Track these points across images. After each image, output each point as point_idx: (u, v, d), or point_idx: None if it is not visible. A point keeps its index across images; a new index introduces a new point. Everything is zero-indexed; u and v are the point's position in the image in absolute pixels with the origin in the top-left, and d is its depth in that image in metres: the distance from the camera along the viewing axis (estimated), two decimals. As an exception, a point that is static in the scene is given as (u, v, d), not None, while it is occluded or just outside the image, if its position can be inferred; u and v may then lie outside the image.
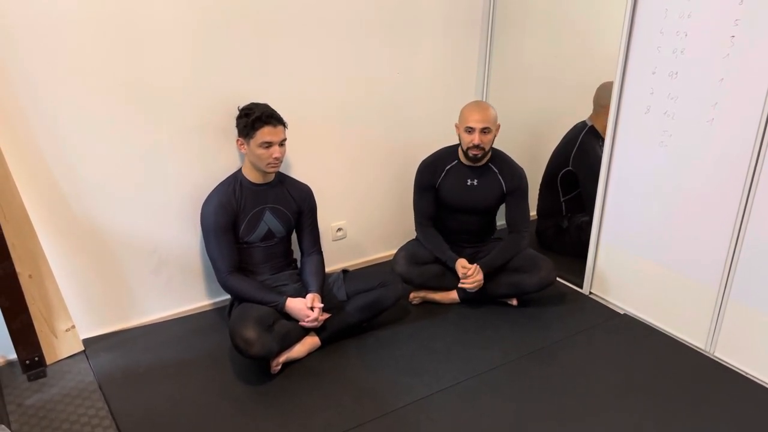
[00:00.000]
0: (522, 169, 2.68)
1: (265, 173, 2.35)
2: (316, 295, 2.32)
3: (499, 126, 2.57)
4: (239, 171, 2.39)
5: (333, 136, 2.79)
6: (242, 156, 2.46)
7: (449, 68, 3.04)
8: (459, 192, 2.66)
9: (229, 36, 2.39)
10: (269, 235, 2.40)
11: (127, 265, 2.46)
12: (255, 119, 2.22)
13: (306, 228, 2.50)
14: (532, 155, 3.51)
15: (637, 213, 2.54)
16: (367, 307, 2.41)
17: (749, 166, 2.12)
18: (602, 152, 2.62)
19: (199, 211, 2.49)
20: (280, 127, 2.27)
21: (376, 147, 2.95)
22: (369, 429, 1.97)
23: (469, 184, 2.64)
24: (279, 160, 2.29)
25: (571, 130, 3.15)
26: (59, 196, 2.24)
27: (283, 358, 2.23)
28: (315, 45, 2.60)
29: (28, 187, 2.17)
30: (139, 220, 2.42)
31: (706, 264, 2.33)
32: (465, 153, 2.58)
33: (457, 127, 2.60)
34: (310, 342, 2.33)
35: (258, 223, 2.37)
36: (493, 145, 2.63)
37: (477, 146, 2.51)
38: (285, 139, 2.29)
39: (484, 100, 3.16)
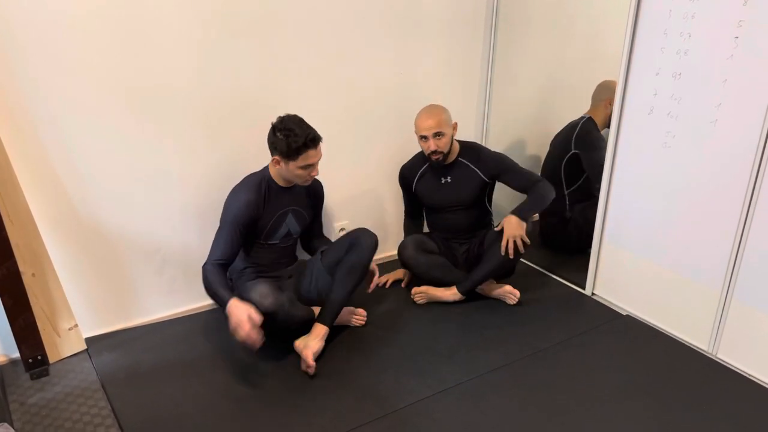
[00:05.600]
0: (494, 151, 2.73)
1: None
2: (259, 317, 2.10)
3: (455, 125, 2.63)
4: (267, 171, 2.35)
5: (336, 136, 2.79)
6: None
7: (452, 69, 3.04)
8: (435, 192, 2.73)
9: (233, 37, 2.39)
10: (288, 235, 2.43)
11: (131, 265, 2.46)
12: (301, 145, 2.18)
13: (316, 218, 2.60)
14: (535, 155, 3.52)
15: (640, 214, 2.54)
16: (348, 275, 2.37)
17: (753, 167, 2.12)
18: (602, 138, 2.68)
19: (203, 211, 2.50)
20: (320, 145, 2.25)
21: (379, 147, 2.95)
22: (371, 429, 1.96)
23: (443, 182, 2.70)
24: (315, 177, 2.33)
25: (568, 123, 3.16)
26: (63, 196, 2.25)
27: (310, 358, 2.20)
28: (318, 45, 2.60)
29: (31, 186, 2.18)
30: (142, 219, 2.43)
31: (709, 265, 2.33)
32: (428, 158, 2.64)
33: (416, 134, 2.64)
34: (320, 331, 2.32)
35: (281, 225, 2.39)
36: (465, 139, 2.73)
37: (434, 152, 2.57)
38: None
39: (486, 100, 3.16)
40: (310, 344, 2.27)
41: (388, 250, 3.14)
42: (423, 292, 2.71)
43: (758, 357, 2.24)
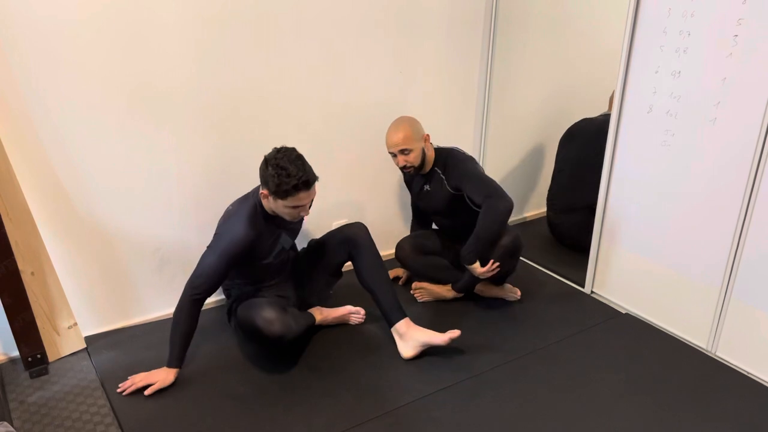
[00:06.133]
0: (461, 159, 2.57)
1: None
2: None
3: (426, 136, 2.54)
4: (258, 198, 2.19)
5: (334, 135, 2.79)
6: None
7: (452, 67, 3.03)
8: (421, 199, 2.74)
9: (232, 37, 2.39)
10: (281, 251, 2.34)
11: (130, 263, 2.46)
12: (291, 188, 2.04)
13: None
14: (535, 154, 3.52)
15: (639, 212, 2.54)
16: (377, 277, 2.37)
17: (752, 165, 2.12)
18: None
19: (202, 209, 2.50)
20: (314, 186, 2.12)
21: (377, 146, 2.95)
22: (370, 427, 1.97)
23: (425, 190, 2.69)
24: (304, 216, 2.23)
25: (584, 119, 3.12)
26: (62, 194, 2.25)
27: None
28: (317, 45, 2.60)
29: (30, 184, 2.18)
30: (141, 217, 2.43)
31: (708, 263, 2.33)
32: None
33: None
34: (408, 326, 2.34)
35: (275, 246, 2.30)
36: (445, 146, 2.68)
37: (404, 167, 2.54)
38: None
39: (485, 99, 3.15)
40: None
41: (383, 249, 3.13)
42: (423, 288, 2.71)
43: (757, 355, 2.24)
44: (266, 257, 2.28)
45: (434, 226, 2.95)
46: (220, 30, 2.36)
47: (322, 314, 2.47)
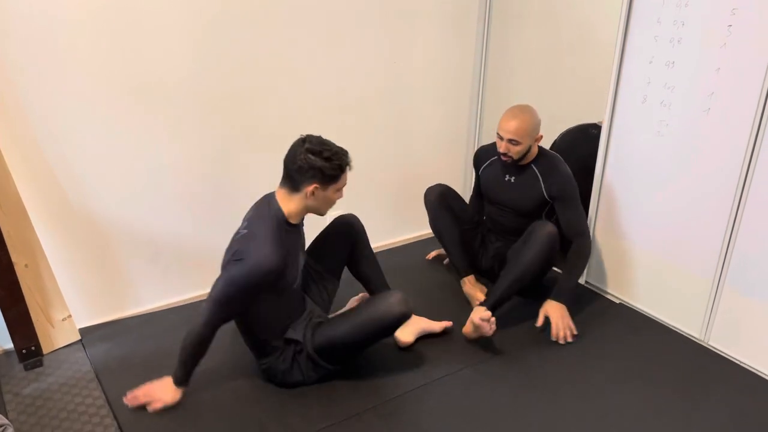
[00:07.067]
0: (568, 174, 2.48)
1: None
2: None
3: (539, 137, 2.43)
4: (278, 210, 1.95)
5: (330, 126, 2.77)
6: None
7: (447, 57, 3.03)
8: (496, 186, 2.60)
9: (227, 30, 2.37)
10: (297, 276, 2.09)
11: (124, 255, 2.46)
12: (345, 163, 1.95)
13: None
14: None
15: (633, 202, 2.55)
16: (372, 270, 2.38)
17: (745, 155, 2.12)
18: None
19: (196, 201, 2.50)
20: None
21: (371, 136, 2.94)
22: (366, 418, 1.97)
23: (506, 179, 2.55)
24: None
25: (583, 132, 3.08)
26: (55, 186, 2.24)
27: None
28: (312, 37, 2.59)
29: (23, 176, 2.16)
30: (136, 209, 2.42)
31: (701, 253, 2.34)
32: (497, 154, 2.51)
33: None
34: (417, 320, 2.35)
35: (299, 261, 2.10)
36: (547, 149, 2.55)
37: (504, 154, 2.42)
38: None
39: (480, 88, 3.14)
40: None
41: (381, 239, 3.14)
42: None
43: (750, 344, 2.26)
44: (296, 278, 2.06)
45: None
46: (214, 23, 2.34)
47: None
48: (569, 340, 2.35)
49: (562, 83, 3.42)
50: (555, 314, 2.38)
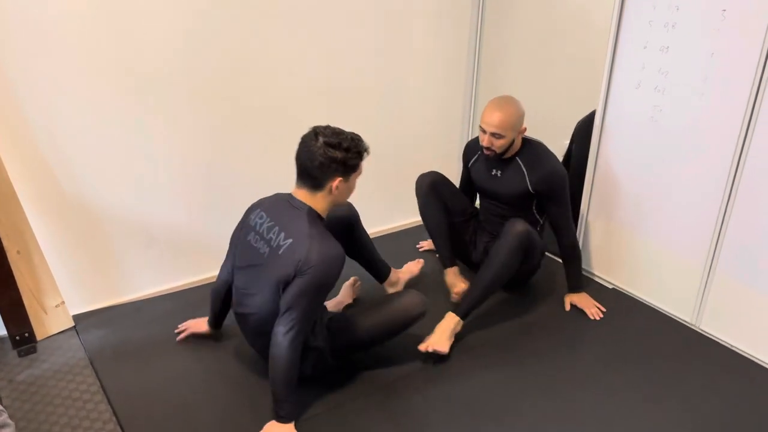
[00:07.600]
0: (553, 165, 2.42)
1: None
2: None
3: (523, 129, 2.38)
4: (311, 210, 1.89)
5: (323, 115, 2.74)
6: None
7: (441, 45, 3.02)
8: (485, 181, 2.57)
9: (220, 17, 2.35)
10: None
11: (118, 241, 2.45)
12: (364, 150, 1.92)
13: None
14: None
15: (625, 187, 2.55)
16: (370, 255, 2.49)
17: (737, 141, 2.13)
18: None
19: (190, 187, 2.48)
20: None
21: (367, 126, 2.90)
22: (360, 404, 1.99)
23: (493, 173, 2.51)
24: None
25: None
26: (46, 171, 2.22)
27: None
28: (305, 27, 2.57)
29: (14, 162, 2.14)
30: (129, 195, 2.41)
31: (693, 238, 2.35)
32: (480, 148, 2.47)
33: None
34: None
35: None
36: (530, 137, 2.49)
37: (488, 148, 2.37)
38: None
39: (474, 78, 3.12)
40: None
41: (375, 225, 3.14)
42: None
43: (740, 328, 2.28)
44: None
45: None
46: (206, 14, 2.32)
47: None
48: (601, 316, 2.48)
49: (557, 71, 3.40)
50: (581, 302, 2.53)
